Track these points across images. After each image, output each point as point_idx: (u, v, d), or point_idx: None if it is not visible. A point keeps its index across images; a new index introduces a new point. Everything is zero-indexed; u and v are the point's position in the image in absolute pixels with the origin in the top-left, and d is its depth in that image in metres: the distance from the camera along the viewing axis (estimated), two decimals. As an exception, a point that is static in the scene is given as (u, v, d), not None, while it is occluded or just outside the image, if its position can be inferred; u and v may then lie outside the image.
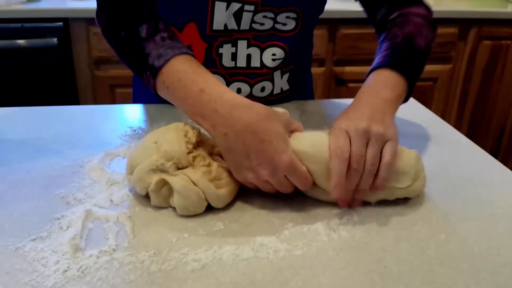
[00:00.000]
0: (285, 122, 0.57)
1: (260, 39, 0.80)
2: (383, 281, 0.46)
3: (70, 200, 0.57)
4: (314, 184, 0.57)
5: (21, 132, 0.75)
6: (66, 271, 0.46)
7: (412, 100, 0.95)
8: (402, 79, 0.67)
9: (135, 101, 0.95)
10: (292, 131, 0.59)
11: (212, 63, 0.80)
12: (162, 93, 0.65)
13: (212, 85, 0.59)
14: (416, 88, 0.72)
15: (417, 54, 0.72)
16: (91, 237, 0.51)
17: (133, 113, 0.86)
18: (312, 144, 0.56)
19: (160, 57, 0.63)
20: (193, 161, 0.56)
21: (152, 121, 0.81)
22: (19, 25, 1.60)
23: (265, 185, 0.56)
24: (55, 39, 1.61)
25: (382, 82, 0.66)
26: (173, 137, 0.57)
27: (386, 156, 0.56)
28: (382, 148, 0.56)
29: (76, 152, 0.68)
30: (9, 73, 1.65)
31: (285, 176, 0.55)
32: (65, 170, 0.64)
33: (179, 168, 0.56)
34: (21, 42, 1.60)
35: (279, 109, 0.59)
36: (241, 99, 0.57)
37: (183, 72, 0.61)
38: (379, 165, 0.55)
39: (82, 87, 1.75)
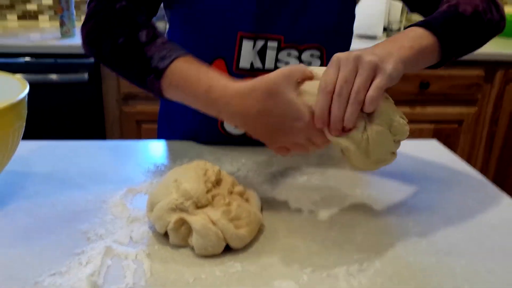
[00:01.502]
0: (290, 82, 0.58)
1: None
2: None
3: (91, 235, 0.57)
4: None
5: (48, 165, 0.77)
6: (83, 308, 0.46)
7: (436, 142, 0.94)
8: (431, 35, 0.63)
9: (159, 137, 0.97)
10: (303, 81, 0.59)
11: None
12: (170, 94, 0.66)
13: (216, 80, 0.62)
14: (439, 131, 0.70)
15: (459, 17, 0.67)
16: (109, 274, 0.51)
17: (157, 149, 0.87)
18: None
19: (164, 59, 0.64)
20: (213, 200, 0.57)
21: (175, 157, 0.82)
22: (52, 60, 1.67)
23: (294, 147, 0.61)
24: (86, 74, 1.67)
25: (405, 34, 0.63)
26: (192, 175, 0.58)
27: (370, 90, 0.55)
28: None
29: (99, 187, 0.69)
30: (40, 106, 1.70)
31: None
32: (88, 205, 0.65)
33: (198, 207, 0.56)
34: (53, 76, 1.66)
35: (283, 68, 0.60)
36: (245, 86, 0.59)
37: (188, 70, 0.63)
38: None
39: (110, 122, 1.79)
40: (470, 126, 1.96)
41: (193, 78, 0.63)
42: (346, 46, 0.86)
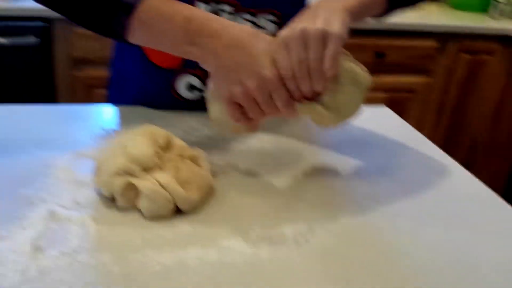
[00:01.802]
0: (270, 40, 0.58)
1: (255, 5, 0.79)
2: (348, 286, 0.46)
3: (34, 199, 0.55)
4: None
5: (-11, 129, 0.73)
6: (24, 271, 0.44)
7: (387, 110, 0.96)
8: None
9: (110, 102, 0.94)
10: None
11: (190, 64, 0.80)
12: (135, 34, 0.61)
13: (196, 12, 0.60)
14: (391, 99, 0.72)
15: None
16: (52, 238, 0.50)
17: (106, 114, 0.84)
18: None
19: None
20: (162, 164, 0.56)
21: (125, 122, 0.80)
22: (1, 22, 1.57)
23: (250, 104, 0.58)
24: (36, 38, 1.59)
25: None
26: (140, 140, 0.56)
27: (326, 61, 0.55)
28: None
29: (45, 152, 0.67)
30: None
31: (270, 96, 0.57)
32: (32, 170, 0.62)
33: (146, 171, 0.55)
34: (2, 40, 1.58)
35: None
36: (229, 21, 0.59)
37: (163, 5, 0.60)
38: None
39: (61, 87, 1.73)
40: (422, 95, 2.02)
41: (170, 11, 0.59)
42: (301, 9, 0.85)
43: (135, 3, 0.60)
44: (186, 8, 0.60)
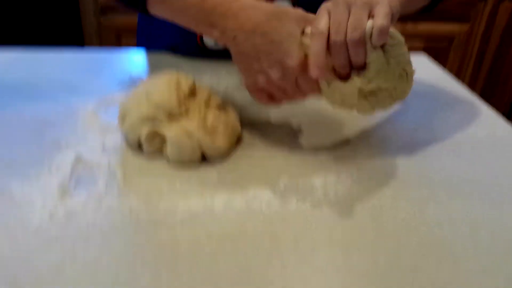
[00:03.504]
0: (298, 18, 0.52)
1: None
2: (376, 238, 0.45)
3: (62, 144, 0.55)
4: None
5: (18, 74, 0.73)
6: (52, 213, 0.45)
7: (425, 57, 0.91)
8: None
9: (138, 48, 0.92)
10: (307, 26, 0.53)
11: None
12: (155, 8, 0.59)
13: None
14: (430, 48, 0.68)
15: None
16: (80, 181, 0.50)
17: (133, 60, 0.83)
18: None
19: None
20: (188, 112, 0.54)
21: (152, 69, 0.78)
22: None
23: (275, 90, 0.54)
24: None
25: None
26: (164, 86, 0.55)
27: (377, 19, 0.47)
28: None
29: (71, 98, 0.66)
30: (15, 12, 1.62)
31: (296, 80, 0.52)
32: (59, 115, 0.62)
33: (172, 119, 0.53)
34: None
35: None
36: (252, 1, 0.54)
37: None
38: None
39: (88, 34, 1.72)
40: (461, 43, 1.92)
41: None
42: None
43: None
44: None
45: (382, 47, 0.49)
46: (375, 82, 0.51)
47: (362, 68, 0.50)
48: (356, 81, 0.51)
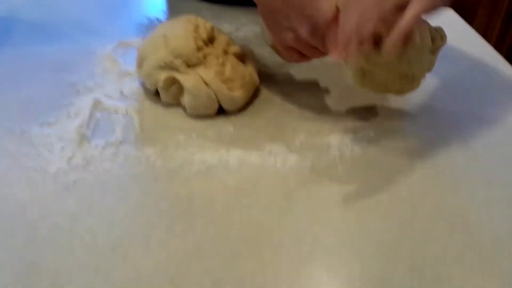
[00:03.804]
0: None
1: None
2: (390, 201, 0.45)
3: (80, 87, 0.55)
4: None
5: (35, 11, 0.72)
6: (71, 158, 0.45)
7: (452, 14, 0.87)
8: None
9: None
10: None
11: None
12: None
13: None
14: (458, 3, 0.63)
15: None
16: (98, 127, 0.50)
17: (153, 1, 0.81)
18: None
19: None
20: (205, 59, 0.53)
21: (171, 11, 0.76)
22: None
23: (305, 47, 0.52)
24: None
25: None
26: (182, 31, 0.53)
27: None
28: None
29: (89, 38, 0.65)
30: None
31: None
32: (77, 56, 0.61)
33: (189, 66, 0.53)
34: None
35: None
36: None
37: None
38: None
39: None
40: (491, -1, 1.84)
41: None
42: None
43: None
44: None
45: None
46: (378, 66, 0.49)
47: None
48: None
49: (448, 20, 0.83)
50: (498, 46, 1.96)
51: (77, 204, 0.41)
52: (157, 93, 0.55)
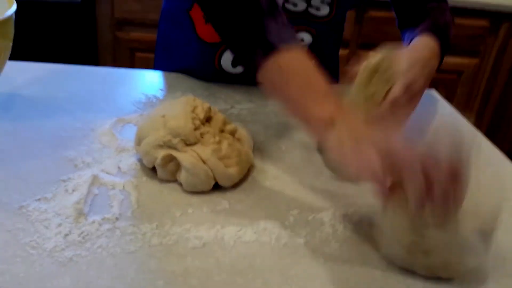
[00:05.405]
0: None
1: (291, 22, 0.75)
2: (384, 279, 0.45)
3: (78, 163, 0.57)
4: None
5: (35, 88, 0.74)
6: (67, 235, 0.46)
7: (434, 93, 0.92)
8: (437, 45, 0.75)
9: (156, 66, 0.93)
10: None
11: None
12: (267, 75, 0.54)
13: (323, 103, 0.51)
14: (438, 80, 0.74)
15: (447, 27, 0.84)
16: (95, 203, 0.51)
17: (149, 79, 0.84)
18: None
19: (282, 39, 0.54)
20: (202, 137, 0.55)
21: (168, 89, 0.80)
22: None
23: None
24: (78, -4, 1.60)
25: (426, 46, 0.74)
26: (180, 112, 0.56)
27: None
28: None
29: (88, 115, 0.67)
30: (30, 27, 1.64)
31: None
32: (76, 132, 0.63)
33: (187, 145, 0.55)
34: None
35: None
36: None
37: (302, 65, 0.53)
38: None
39: (103, 48, 1.74)
40: (469, 78, 1.94)
41: (301, 80, 0.52)
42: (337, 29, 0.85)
43: (278, 47, 0.53)
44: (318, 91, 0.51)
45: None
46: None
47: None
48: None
49: (431, 101, 0.88)
50: (477, 123, 2.04)
51: (74, 281, 0.41)
52: (154, 169, 0.56)
